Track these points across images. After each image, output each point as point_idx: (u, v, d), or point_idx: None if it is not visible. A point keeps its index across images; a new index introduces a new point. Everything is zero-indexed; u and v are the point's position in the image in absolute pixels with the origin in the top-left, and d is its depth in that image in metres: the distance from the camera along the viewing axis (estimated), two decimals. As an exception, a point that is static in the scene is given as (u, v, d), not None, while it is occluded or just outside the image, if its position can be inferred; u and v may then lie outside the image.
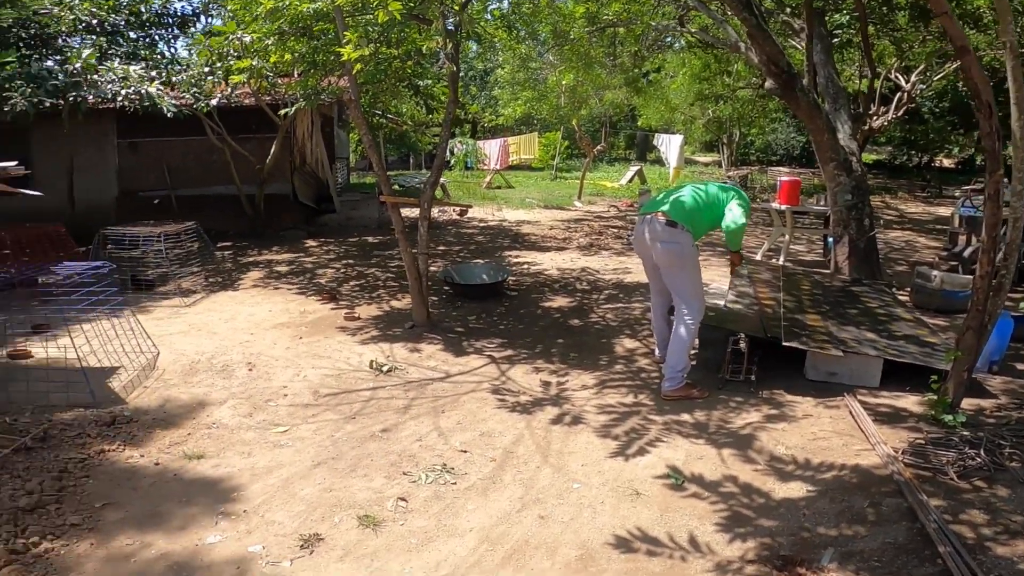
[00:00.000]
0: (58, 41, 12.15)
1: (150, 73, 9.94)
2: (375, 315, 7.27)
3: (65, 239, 8.46)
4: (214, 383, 5.35)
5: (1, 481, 3.65)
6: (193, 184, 12.85)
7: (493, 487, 3.81)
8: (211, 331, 6.68)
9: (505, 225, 13.92)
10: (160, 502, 3.62)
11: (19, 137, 12.46)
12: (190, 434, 4.47)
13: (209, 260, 9.20)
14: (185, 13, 14.94)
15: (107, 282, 5.36)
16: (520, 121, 24.22)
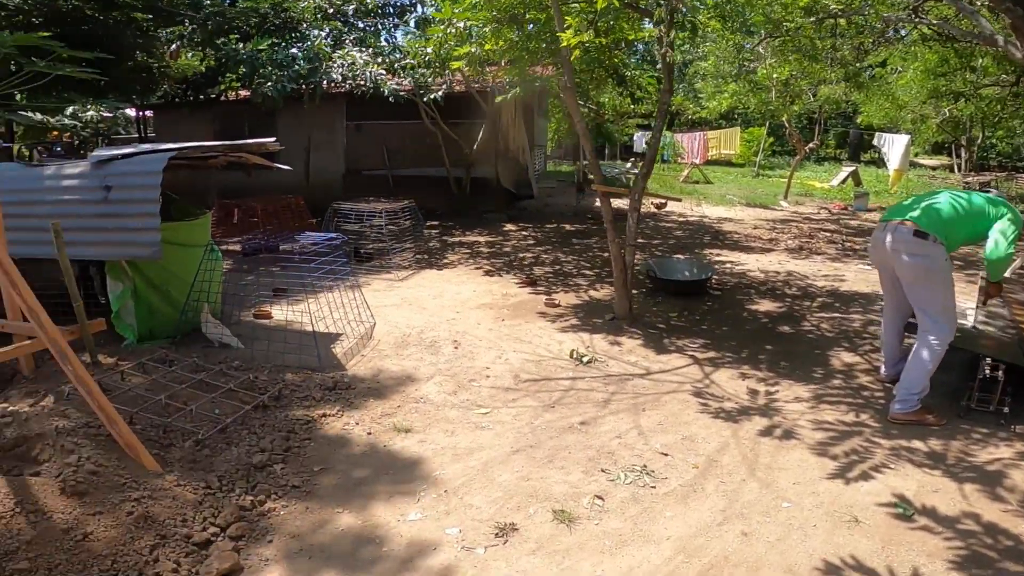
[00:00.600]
0: (301, 28, 13.45)
1: (375, 59, 10.67)
2: (574, 303, 7.27)
3: (303, 210, 9.34)
4: (423, 358, 5.61)
5: (240, 436, 4.04)
6: (408, 165, 13.67)
7: (694, 495, 3.64)
8: (421, 306, 7.04)
9: (705, 221, 13.40)
10: (370, 472, 3.82)
11: (268, 119, 13.96)
12: (399, 407, 4.70)
13: (419, 238, 9.72)
14: (403, 3, 15.92)
15: (339, 253, 5.78)
16: (721, 115, 23.22)
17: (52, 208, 4.82)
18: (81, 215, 4.73)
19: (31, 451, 3.08)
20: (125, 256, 4.76)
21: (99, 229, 4.69)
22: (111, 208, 4.66)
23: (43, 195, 4.88)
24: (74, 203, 4.79)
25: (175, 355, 5.00)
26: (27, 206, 4.81)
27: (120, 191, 4.64)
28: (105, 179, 4.67)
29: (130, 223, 4.61)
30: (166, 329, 5.43)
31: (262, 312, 6.42)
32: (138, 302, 5.13)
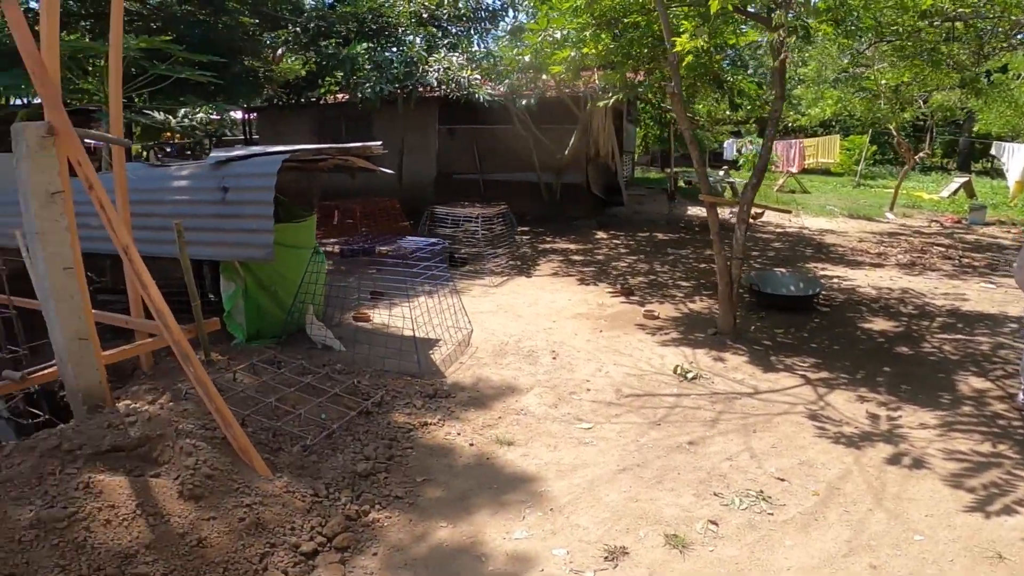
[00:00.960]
0: (397, 32, 13.68)
1: (469, 64, 10.72)
2: (673, 316, 7.03)
3: (398, 213, 9.45)
4: (521, 368, 5.51)
5: (345, 443, 4.03)
6: (498, 169, 13.68)
7: (815, 524, 3.41)
8: (516, 314, 6.95)
9: (805, 233, 12.84)
10: (473, 486, 3.74)
11: (363, 122, 14.27)
12: (500, 418, 4.61)
13: (511, 243, 9.67)
14: (495, 8, 15.98)
15: (440, 258, 5.76)
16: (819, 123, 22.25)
17: (173, 208, 4.97)
18: (199, 215, 4.86)
19: (153, 451, 3.13)
20: (239, 257, 4.87)
21: (215, 229, 4.81)
22: (228, 209, 4.77)
23: (165, 195, 5.05)
24: (193, 203, 4.93)
25: (282, 356, 5.07)
26: (150, 205, 4.99)
27: (236, 192, 4.74)
28: (223, 180, 4.79)
29: (245, 224, 4.70)
30: (273, 329, 5.53)
31: (361, 315, 6.47)
32: (248, 302, 5.23)
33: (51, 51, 3.29)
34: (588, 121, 12.71)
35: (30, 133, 3.07)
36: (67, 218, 3.15)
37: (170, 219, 4.88)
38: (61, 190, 3.11)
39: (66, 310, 3.27)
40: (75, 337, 3.34)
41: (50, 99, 3.11)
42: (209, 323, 4.43)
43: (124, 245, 3.01)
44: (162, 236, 4.77)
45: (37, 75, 3.10)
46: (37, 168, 3.06)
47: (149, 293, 3.09)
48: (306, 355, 5.33)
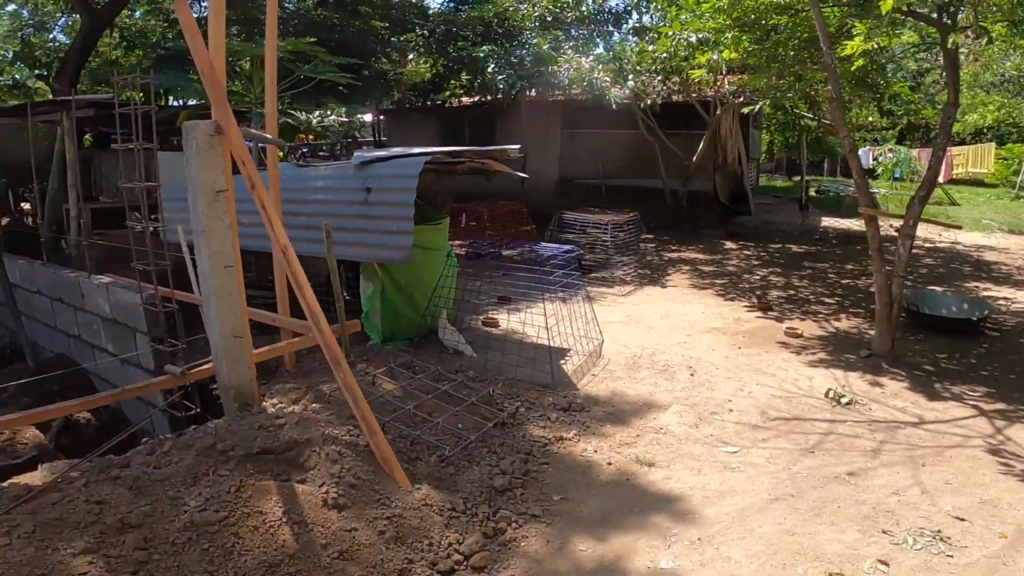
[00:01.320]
0: (522, 35, 13.68)
1: (597, 66, 10.51)
2: (818, 334, 6.54)
3: (524, 216, 9.35)
4: (657, 383, 5.24)
5: (481, 455, 3.90)
6: (621, 175, 13.39)
7: (1004, 569, 3.03)
8: (648, 325, 6.67)
9: (959, 249, 11.77)
10: (613, 508, 3.53)
11: (487, 125, 14.36)
12: (639, 436, 4.38)
13: (637, 251, 9.36)
14: (618, 11, 15.69)
15: (573, 265, 5.58)
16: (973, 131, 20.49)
17: (318, 207, 5.04)
18: (342, 216, 4.90)
19: (300, 456, 3.10)
20: (379, 258, 4.87)
21: (357, 230, 4.83)
22: (370, 210, 4.77)
23: (310, 194, 5.14)
24: (337, 204, 4.98)
25: (418, 361, 5.04)
26: (297, 204, 5.07)
27: (379, 193, 4.74)
28: (366, 181, 4.80)
29: (386, 225, 4.69)
30: (407, 331, 5.52)
31: (490, 320, 6.38)
32: (385, 303, 5.24)
33: (218, 51, 3.35)
34: (717, 126, 12.21)
35: (199, 131, 3.12)
36: (229, 216, 3.19)
37: (315, 218, 4.94)
38: (225, 188, 3.14)
39: (225, 308, 3.31)
40: (231, 335, 3.38)
41: (217, 98, 3.15)
42: (350, 324, 4.44)
43: (283, 245, 3.00)
44: (307, 235, 4.84)
45: (205, 74, 3.16)
46: (205, 166, 3.11)
47: (304, 294, 3.07)
48: (438, 360, 5.27)
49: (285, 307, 4.51)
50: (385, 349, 5.26)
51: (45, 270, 6.14)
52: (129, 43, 16.37)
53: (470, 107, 15.57)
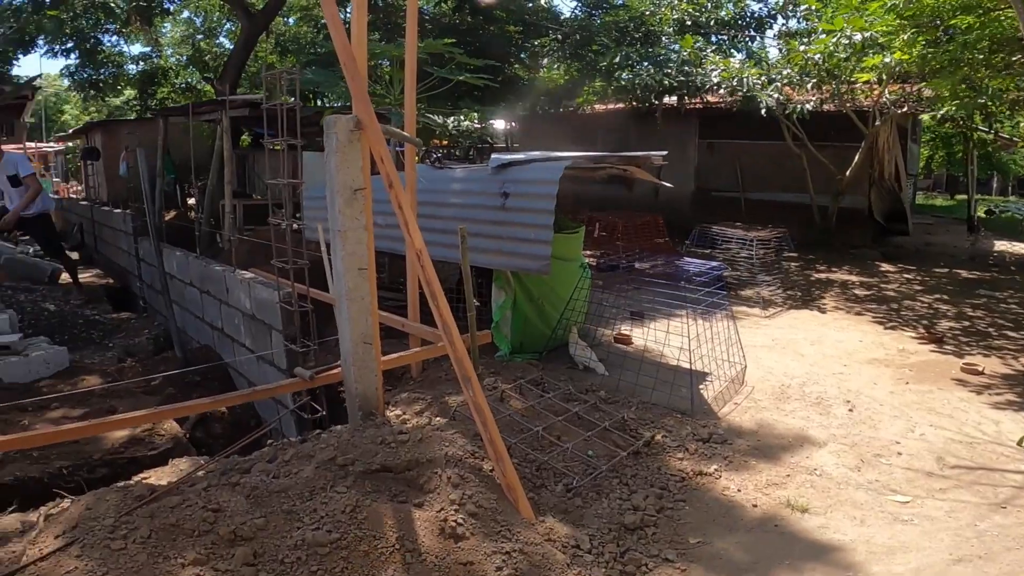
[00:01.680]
0: (660, 40, 13.21)
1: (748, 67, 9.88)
2: (1003, 372, 5.71)
3: (660, 228, 8.91)
4: (809, 417, 4.70)
5: (611, 486, 3.57)
6: (763, 188, 12.62)
7: None
8: (797, 351, 6.08)
9: None
10: (760, 557, 3.12)
11: (620, 133, 13.98)
12: (789, 476, 3.89)
13: (781, 270, 8.68)
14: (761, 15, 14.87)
15: (720, 284, 5.14)
16: None
17: (454, 211, 4.89)
18: (478, 220, 4.72)
19: (420, 477, 2.90)
20: (514, 267, 4.65)
21: (493, 236, 4.63)
22: (507, 216, 4.56)
23: (446, 197, 5.00)
24: (473, 208, 4.81)
25: (548, 378, 4.77)
26: (433, 207, 4.95)
27: (517, 199, 4.52)
28: (503, 185, 4.59)
29: (523, 233, 4.46)
30: (535, 344, 5.27)
31: (622, 336, 6.03)
32: (516, 314, 5.01)
33: (360, 44, 3.23)
34: (874, 139, 11.21)
35: (340, 126, 3.00)
36: (366, 217, 3.05)
37: (450, 222, 4.80)
38: (363, 187, 3.00)
39: (356, 311, 3.18)
40: (361, 340, 3.24)
41: (358, 92, 3.02)
42: (481, 335, 4.24)
43: (419, 249, 2.82)
44: (441, 239, 4.70)
45: (348, 67, 3.03)
46: (344, 163, 2.98)
47: (438, 304, 2.87)
48: (568, 376, 4.98)
49: (416, 312, 4.38)
50: (513, 361, 5.03)
51: (197, 263, 6.42)
52: (284, 48, 17.33)
53: (603, 114, 15.25)
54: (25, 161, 8.31)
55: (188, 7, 18.24)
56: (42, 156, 27.80)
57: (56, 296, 7.86)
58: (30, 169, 8.17)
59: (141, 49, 20.03)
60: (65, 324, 6.79)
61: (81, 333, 6.75)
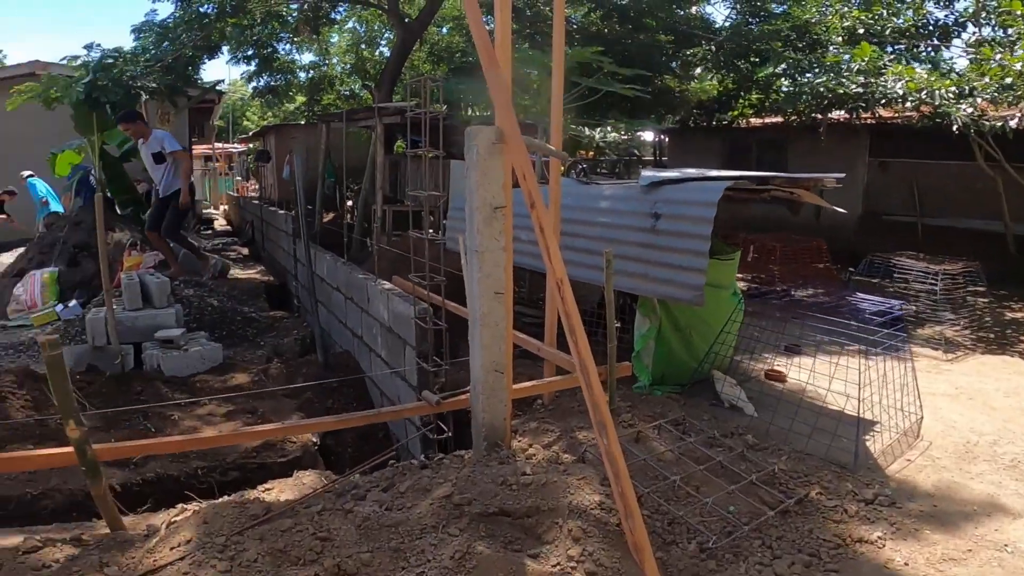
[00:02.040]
0: (827, 50, 12.22)
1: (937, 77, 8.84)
2: None
3: (822, 255, 8.15)
4: (1001, 483, 4.01)
5: (751, 548, 3.14)
6: (944, 213, 11.36)
7: None
8: (987, 403, 5.29)
9: None
10: None
11: (777, 149, 13.15)
12: (971, 551, 3.30)
13: (968, 307, 7.67)
14: (946, 23, 13.41)
15: (900, 327, 4.53)
16: None
17: (600, 231, 4.62)
18: (624, 242, 4.43)
19: (538, 526, 2.65)
20: (663, 295, 4.30)
21: (641, 260, 4.31)
22: (657, 239, 4.23)
23: (591, 215, 4.73)
24: (620, 228, 4.51)
25: (691, 419, 4.38)
26: (576, 225, 4.71)
27: (669, 221, 4.18)
28: (655, 205, 4.27)
29: (675, 259, 4.11)
30: (677, 376, 4.89)
31: (775, 372, 5.50)
32: (659, 343, 4.67)
33: (503, 49, 3.05)
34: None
35: (481, 138, 2.83)
36: (506, 237, 2.86)
37: (595, 242, 4.54)
38: (503, 204, 2.81)
39: (489, 337, 3.00)
40: (492, 368, 3.06)
41: (501, 101, 2.83)
42: (621, 368, 3.95)
43: (559, 279, 2.59)
44: (583, 259, 4.46)
45: (490, 74, 2.84)
46: (484, 178, 2.81)
47: (577, 340, 2.61)
48: (711, 415, 4.56)
49: (552, 336, 4.15)
50: (653, 395, 4.69)
51: (343, 268, 6.57)
52: (437, 57, 17.84)
53: (759, 129, 14.41)
54: (171, 138, 8.56)
55: (352, 17, 19.22)
56: (227, 156, 30.45)
57: (221, 292, 8.38)
58: (177, 145, 8.42)
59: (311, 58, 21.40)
60: (224, 320, 7.19)
61: (237, 330, 7.12)
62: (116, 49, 11.37)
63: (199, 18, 11.37)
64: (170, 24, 11.52)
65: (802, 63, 11.28)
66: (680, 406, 4.63)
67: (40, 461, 2.99)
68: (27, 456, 3.03)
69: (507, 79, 2.98)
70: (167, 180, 8.30)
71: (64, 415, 2.64)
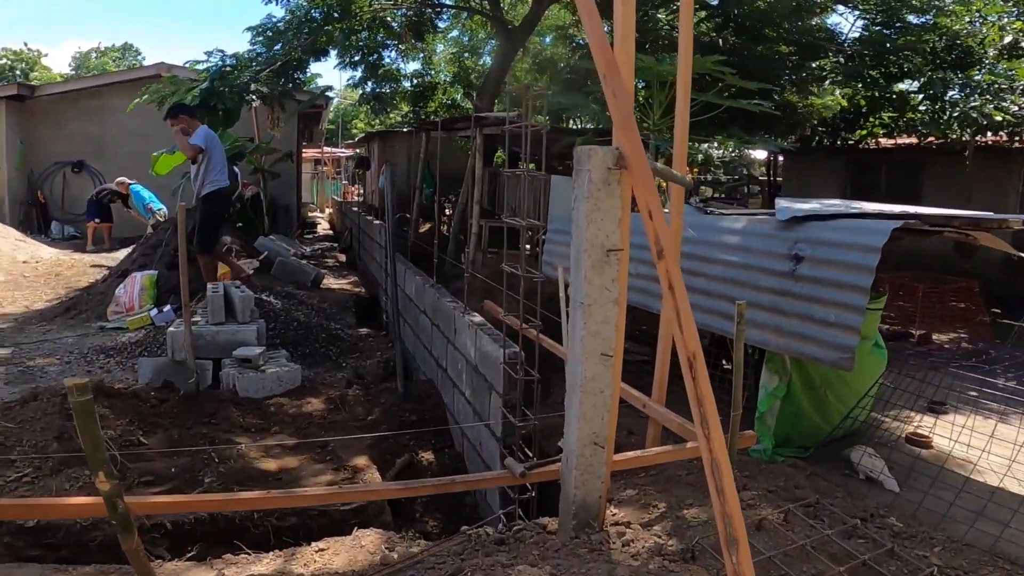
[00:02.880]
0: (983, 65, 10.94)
1: None
2: None
3: (975, 299, 7.05)
4: None
5: None
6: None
7: None
8: None
9: None
10: None
11: (911, 175, 11.94)
12: None
13: None
14: None
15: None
16: None
17: (723, 270, 3.95)
18: (752, 286, 3.75)
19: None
20: (799, 353, 3.57)
21: (773, 310, 3.62)
22: (796, 286, 3.52)
23: (713, 251, 4.06)
24: (748, 269, 3.82)
25: (821, 496, 3.65)
26: (697, 262, 4.06)
27: (815, 266, 3.46)
28: (795, 246, 3.56)
29: (818, 311, 3.40)
30: (805, 438, 4.15)
31: (919, 436, 4.65)
32: (787, 403, 3.95)
33: (625, 48, 2.48)
34: None
35: (595, 162, 2.26)
36: (620, 286, 2.29)
37: (715, 283, 3.90)
38: (619, 247, 2.25)
39: (590, 406, 2.44)
40: (590, 441, 2.50)
41: (622, 114, 2.25)
42: (745, 438, 3.29)
43: (691, 354, 1.96)
44: (699, 301, 3.81)
45: (608, 80, 2.26)
46: (596, 213, 2.25)
47: (705, 409, 2.00)
48: (845, 491, 3.81)
49: (662, 393, 3.53)
50: (774, 461, 3.97)
51: (431, 292, 6.10)
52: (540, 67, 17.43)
53: (890, 151, 13.13)
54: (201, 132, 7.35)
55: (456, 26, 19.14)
56: (335, 160, 31.22)
57: (310, 304, 8.18)
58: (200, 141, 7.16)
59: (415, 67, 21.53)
60: (309, 336, 6.91)
61: (321, 348, 6.83)
62: (234, 55, 11.61)
63: (308, 21, 11.42)
64: (280, 27, 11.62)
65: (949, 81, 10.10)
66: (806, 476, 3.90)
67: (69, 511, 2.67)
68: (56, 504, 2.72)
69: (630, 88, 2.41)
70: (199, 181, 7.32)
71: (93, 466, 2.29)
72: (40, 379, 6.04)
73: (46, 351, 6.94)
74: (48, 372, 6.22)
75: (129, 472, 3.78)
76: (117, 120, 14.97)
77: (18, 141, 15.12)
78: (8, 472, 3.70)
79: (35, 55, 45.81)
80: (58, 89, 16.56)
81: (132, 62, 48.74)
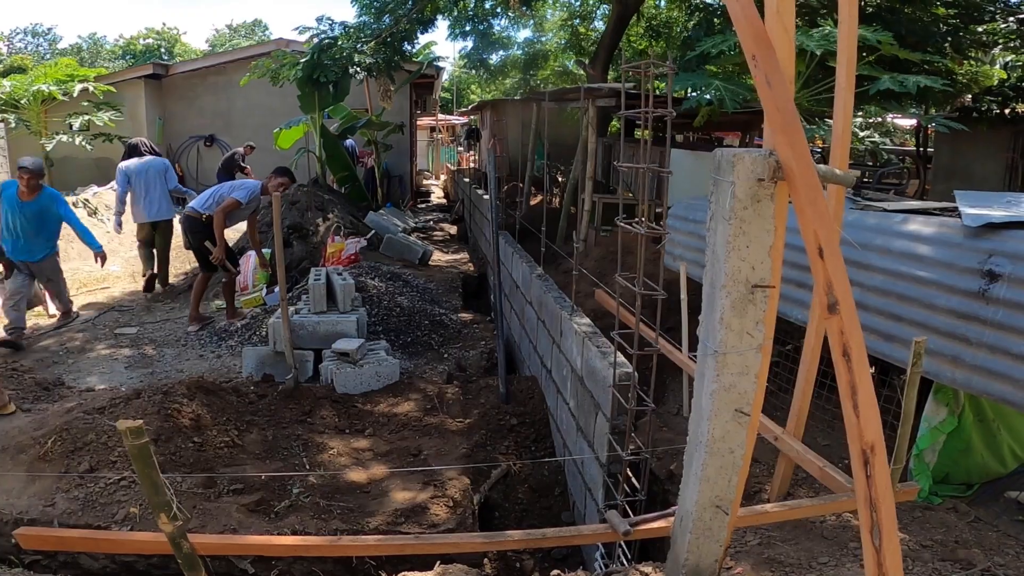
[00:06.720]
0: None
1: None
2: None
3: None
4: None
5: None
6: None
7: None
8: None
9: None
10: None
11: None
12: None
13: None
14: None
15: None
16: None
17: (883, 281, 3.29)
18: (924, 303, 3.07)
19: None
20: (985, 392, 2.85)
21: (950, 335, 2.93)
22: (987, 310, 2.81)
23: (870, 257, 3.38)
24: (919, 283, 3.12)
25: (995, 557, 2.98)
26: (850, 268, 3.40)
27: (1014, 287, 2.75)
28: (989, 260, 2.85)
29: (1017, 345, 2.70)
30: (968, 476, 3.45)
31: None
32: (952, 437, 3.28)
33: (783, 15, 1.92)
34: None
35: (741, 170, 1.73)
36: (765, 330, 1.77)
37: (872, 296, 3.26)
38: (768, 284, 1.73)
39: (715, 468, 1.96)
40: (711, 504, 2.02)
41: (779, 110, 1.70)
42: (906, 492, 2.69)
43: (867, 445, 1.45)
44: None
45: (759, 61, 1.67)
46: (741, 237, 1.73)
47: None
48: (1018, 542, 3.12)
49: (801, 423, 2.96)
50: (931, 503, 3.31)
51: (538, 283, 5.60)
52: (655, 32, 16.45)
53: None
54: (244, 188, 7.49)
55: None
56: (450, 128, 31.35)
57: (417, 284, 7.97)
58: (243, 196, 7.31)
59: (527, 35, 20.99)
60: (411, 323, 6.66)
61: (423, 336, 6.56)
62: (343, 23, 11.56)
63: (415, -8, 11.15)
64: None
65: None
66: (968, 525, 3.23)
67: (136, 546, 2.50)
68: (124, 540, 2.55)
69: (790, 74, 1.87)
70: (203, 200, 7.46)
71: (155, 508, 2.10)
72: (156, 364, 6.14)
73: (167, 332, 7.08)
74: (165, 357, 6.32)
75: (220, 479, 3.64)
76: (243, 94, 15.45)
77: (157, 117, 15.89)
78: (110, 474, 3.64)
79: (176, 33, 48.63)
80: (188, 67, 17.24)
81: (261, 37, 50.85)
